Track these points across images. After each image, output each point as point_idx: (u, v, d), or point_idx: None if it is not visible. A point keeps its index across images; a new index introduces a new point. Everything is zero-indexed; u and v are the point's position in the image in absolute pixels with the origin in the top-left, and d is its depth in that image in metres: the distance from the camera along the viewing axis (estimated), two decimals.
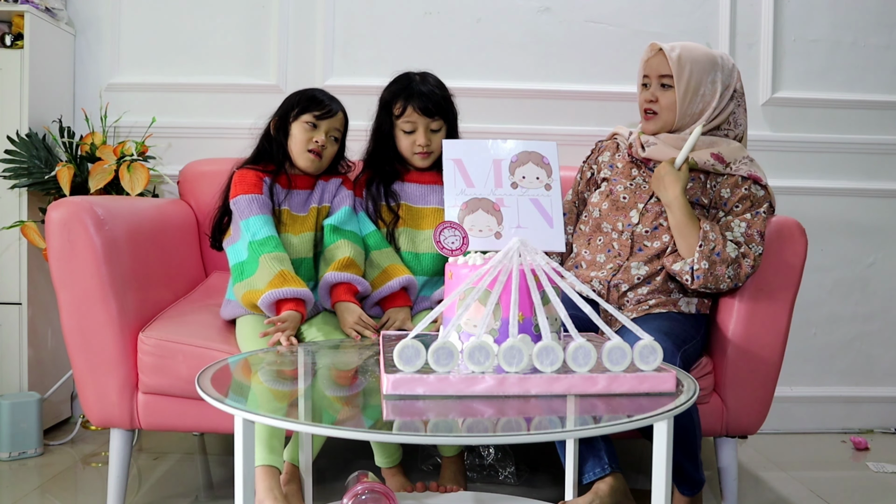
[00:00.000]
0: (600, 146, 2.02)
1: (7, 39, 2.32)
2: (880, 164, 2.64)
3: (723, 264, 1.70)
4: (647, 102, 1.86)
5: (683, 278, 1.73)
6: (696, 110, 1.83)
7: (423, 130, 1.94)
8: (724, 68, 1.83)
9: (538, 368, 1.16)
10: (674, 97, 1.82)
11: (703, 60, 1.81)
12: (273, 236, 1.79)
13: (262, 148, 1.94)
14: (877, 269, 2.65)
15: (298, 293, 1.70)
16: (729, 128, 1.87)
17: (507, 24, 2.59)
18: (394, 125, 1.97)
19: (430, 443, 1.79)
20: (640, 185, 1.87)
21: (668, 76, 1.82)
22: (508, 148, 1.39)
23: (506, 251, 1.23)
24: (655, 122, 1.86)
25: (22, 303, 2.31)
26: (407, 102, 1.93)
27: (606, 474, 1.60)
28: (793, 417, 2.63)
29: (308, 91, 1.93)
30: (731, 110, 1.85)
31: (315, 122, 1.87)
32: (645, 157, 1.86)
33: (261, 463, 1.60)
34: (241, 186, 1.84)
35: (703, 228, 1.71)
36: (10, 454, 2.16)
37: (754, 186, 1.80)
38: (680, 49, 1.81)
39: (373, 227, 1.95)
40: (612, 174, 1.92)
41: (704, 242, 1.70)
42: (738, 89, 1.86)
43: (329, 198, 1.95)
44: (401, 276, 1.86)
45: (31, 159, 2.27)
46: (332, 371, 1.42)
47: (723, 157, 1.81)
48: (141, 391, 1.79)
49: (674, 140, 1.83)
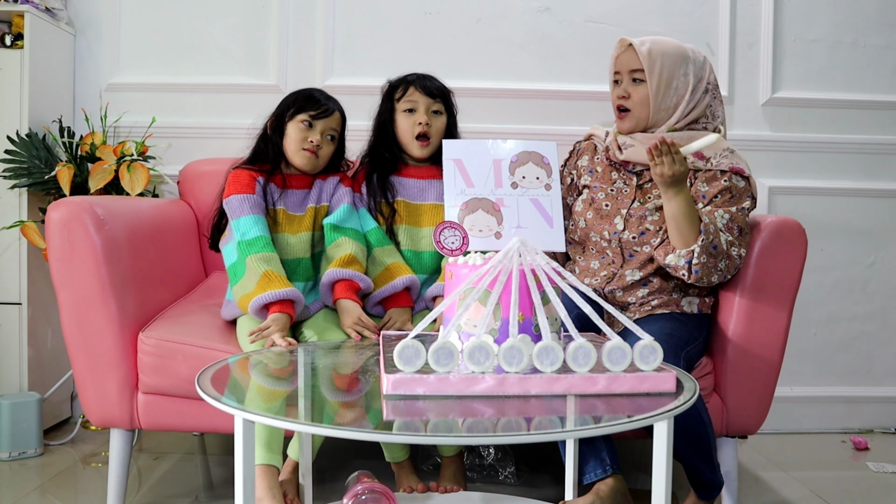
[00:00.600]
0: (578, 148, 1.99)
1: (7, 39, 2.32)
2: (880, 164, 2.64)
3: (719, 257, 1.69)
4: (620, 99, 1.83)
5: (679, 273, 1.69)
6: (670, 104, 1.81)
7: (423, 109, 1.95)
8: (696, 61, 1.81)
9: (538, 368, 1.16)
10: (646, 91, 1.79)
11: (674, 53, 1.79)
12: (262, 236, 1.78)
13: (258, 149, 1.93)
14: (877, 269, 2.65)
15: (281, 295, 1.69)
16: (707, 121, 1.85)
17: (507, 24, 2.59)
18: (394, 110, 1.97)
19: (430, 443, 1.79)
20: (622, 189, 1.85)
21: (639, 70, 1.79)
22: (508, 148, 1.39)
23: (506, 251, 1.23)
24: (629, 119, 1.83)
25: (22, 303, 2.31)
26: (409, 85, 1.96)
27: (607, 475, 1.60)
28: (793, 417, 2.63)
29: (305, 91, 1.92)
30: (706, 103, 1.83)
31: (311, 122, 1.86)
32: (623, 159, 1.84)
33: (260, 462, 1.60)
34: (234, 186, 1.84)
35: (704, 221, 1.67)
36: (10, 454, 2.16)
37: (735, 178, 1.77)
38: (650, 43, 1.79)
39: (374, 224, 1.95)
40: (591, 180, 1.90)
41: (705, 235, 1.66)
42: (711, 81, 1.84)
43: (327, 197, 1.94)
44: (404, 276, 1.86)
45: (31, 159, 2.27)
46: (331, 371, 1.42)
47: (702, 153, 1.80)
48: (141, 391, 1.79)
49: (650, 140, 1.80)
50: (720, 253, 1.68)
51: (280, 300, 1.69)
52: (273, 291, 1.68)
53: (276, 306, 1.69)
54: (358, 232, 1.91)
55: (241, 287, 1.75)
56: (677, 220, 1.67)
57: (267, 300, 1.69)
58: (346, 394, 1.27)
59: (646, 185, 1.83)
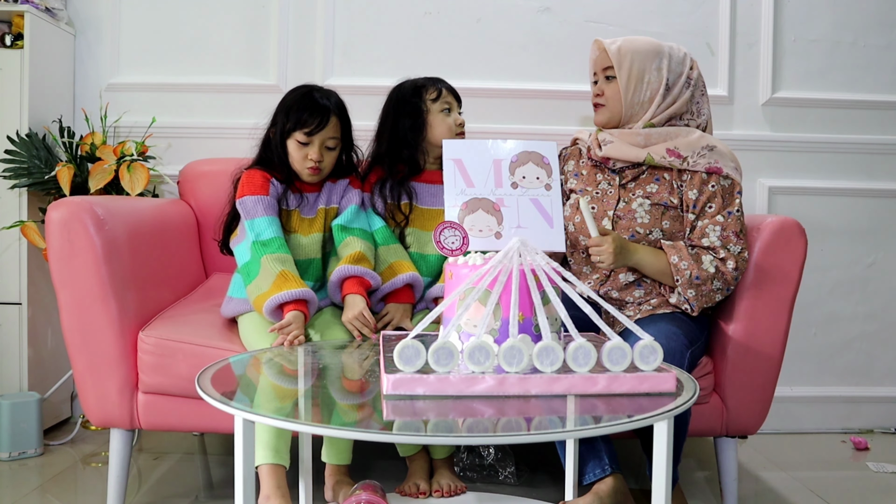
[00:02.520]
0: (564, 154, 2.01)
1: (7, 39, 2.32)
2: (880, 164, 2.64)
3: (707, 282, 1.71)
4: (595, 96, 1.89)
5: (684, 308, 1.75)
6: (643, 98, 1.82)
7: (457, 110, 2.00)
8: (673, 57, 1.82)
9: (538, 368, 1.16)
10: (618, 88, 1.83)
11: (645, 49, 1.82)
12: (277, 237, 1.79)
13: (264, 155, 1.91)
14: (877, 269, 2.65)
15: (296, 294, 1.70)
16: (691, 117, 1.86)
17: (507, 24, 2.59)
18: (427, 111, 1.96)
19: (430, 443, 1.79)
20: (606, 190, 1.86)
21: (610, 67, 1.83)
22: (508, 148, 1.39)
23: (506, 251, 1.23)
24: (603, 112, 1.87)
25: (22, 303, 2.31)
26: (440, 86, 1.98)
27: (606, 475, 1.60)
28: (793, 417, 2.63)
29: (298, 96, 1.87)
30: (687, 97, 1.84)
31: (307, 140, 1.84)
32: (603, 156, 1.85)
33: (267, 461, 1.60)
34: (249, 187, 1.84)
35: (672, 262, 1.72)
36: (10, 454, 2.16)
37: (721, 179, 1.78)
38: (621, 42, 1.84)
39: (381, 223, 1.95)
40: (577, 183, 1.91)
41: (679, 275, 1.71)
42: (693, 77, 1.84)
43: (337, 199, 1.94)
44: (405, 273, 1.86)
45: (31, 159, 2.27)
46: (332, 371, 1.42)
47: (679, 152, 1.80)
48: (141, 391, 1.79)
49: (629, 136, 1.83)
50: (706, 279, 1.71)
51: (296, 300, 1.70)
52: (290, 291, 1.69)
53: (291, 305, 1.69)
54: (366, 231, 1.91)
55: (255, 287, 1.75)
56: (653, 275, 1.76)
57: (283, 299, 1.69)
58: (347, 394, 1.27)
59: (628, 184, 1.84)
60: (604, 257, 1.67)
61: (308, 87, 1.90)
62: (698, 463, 2.31)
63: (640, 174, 1.83)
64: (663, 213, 1.79)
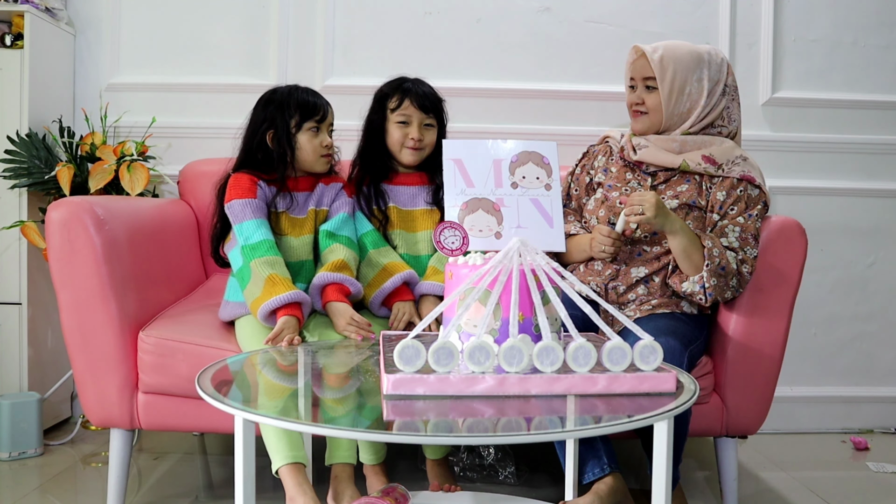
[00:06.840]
0: (593, 150, 2.01)
1: (7, 39, 2.32)
2: (880, 164, 2.64)
3: (730, 276, 1.71)
4: (635, 104, 1.87)
5: (696, 298, 1.73)
6: (683, 109, 1.82)
7: (417, 125, 1.95)
8: (712, 64, 1.82)
9: (538, 368, 1.16)
10: (659, 98, 1.82)
11: (687, 59, 1.80)
12: (266, 240, 1.77)
13: (246, 157, 1.90)
14: (877, 269, 2.65)
15: (285, 299, 1.68)
16: (723, 124, 1.87)
17: (507, 24, 2.59)
18: (386, 119, 1.97)
19: (430, 443, 1.79)
20: (636, 189, 1.86)
21: (652, 78, 1.82)
22: (508, 148, 1.39)
23: (506, 251, 1.23)
24: (643, 121, 1.86)
25: (22, 303, 2.31)
26: (404, 96, 1.95)
27: (606, 474, 1.60)
28: (793, 417, 2.63)
29: (287, 95, 1.88)
30: (723, 106, 1.84)
31: (318, 126, 1.88)
32: (637, 160, 1.85)
33: (286, 462, 1.56)
34: (235, 191, 1.83)
35: (706, 246, 1.71)
36: (10, 454, 2.16)
37: (750, 187, 1.80)
38: (663, 50, 1.81)
39: (370, 227, 1.95)
40: (606, 179, 1.92)
41: (710, 260, 1.70)
42: (729, 84, 1.85)
43: (328, 202, 1.94)
44: (401, 272, 1.87)
45: (31, 159, 2.27)
46: (332, 371, 1.42)
47: (714, 159, 1.81)
48: (141, 391, 1.79)
49: (664, 142, 1.83)
50: (730, 272, 1.71)
51: (286, 304, 1.69)
52: (278, 297, 1.68)
53: (283, 310, 1.69)
54: (351, 240, 1.91)
55: (249, 293, 1.74)
56: (685, 252, 1.72)
57: (273, 306, 1.68)
58: (346, 394, 1.27)
59: (660, 185, 1.84)
60: (646, 207, 1.65)
61: (287, 87, 1.91)
62: (698, 463, 2.31)
63: (672, 176, 1.84)
64: (688, 213, 1.79)
